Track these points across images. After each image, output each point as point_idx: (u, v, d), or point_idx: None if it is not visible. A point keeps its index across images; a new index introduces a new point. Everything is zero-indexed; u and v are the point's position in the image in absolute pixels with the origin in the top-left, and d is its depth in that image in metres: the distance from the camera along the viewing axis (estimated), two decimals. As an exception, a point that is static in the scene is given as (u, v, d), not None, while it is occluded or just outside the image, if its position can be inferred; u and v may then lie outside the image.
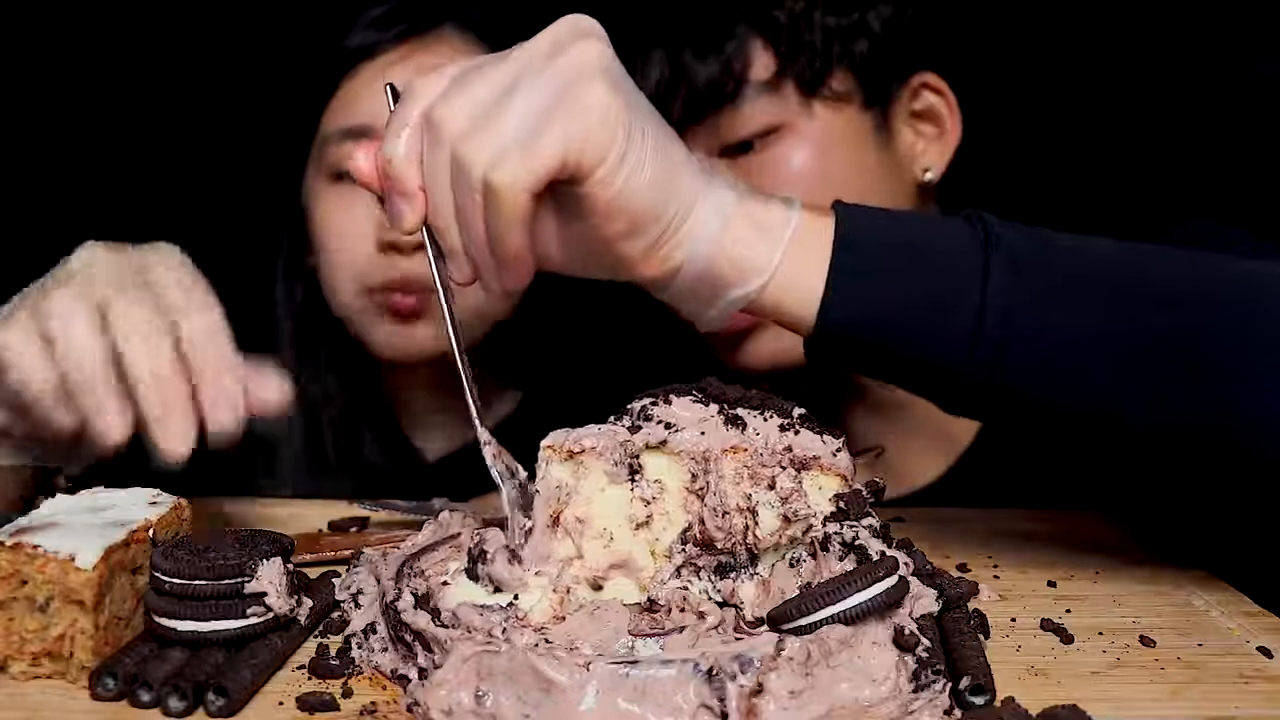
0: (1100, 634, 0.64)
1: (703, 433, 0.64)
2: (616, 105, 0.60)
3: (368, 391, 1.18)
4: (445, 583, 0.63)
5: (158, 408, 0.64)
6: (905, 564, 0.62)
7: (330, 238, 1.09)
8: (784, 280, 0.66)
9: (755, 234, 0.66)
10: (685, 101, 0.96)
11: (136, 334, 0.64)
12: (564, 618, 0.60)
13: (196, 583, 0.58)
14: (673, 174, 0.63)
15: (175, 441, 0.64)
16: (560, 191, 0.62)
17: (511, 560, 0.63)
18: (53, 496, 0.65)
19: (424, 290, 1.05)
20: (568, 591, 0.62)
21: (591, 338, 1.20)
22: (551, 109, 0.60)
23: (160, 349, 0.65)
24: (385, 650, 0.59)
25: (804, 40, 0.96)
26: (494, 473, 0.66)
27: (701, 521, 0.63)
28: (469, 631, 0.57)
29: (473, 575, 0.64)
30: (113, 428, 0.64)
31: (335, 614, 0.65)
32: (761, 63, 0.96)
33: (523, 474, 0.67)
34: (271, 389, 0.68)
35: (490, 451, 0.66)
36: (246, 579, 0.59)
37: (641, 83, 0.77)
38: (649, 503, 0.64)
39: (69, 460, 0.75)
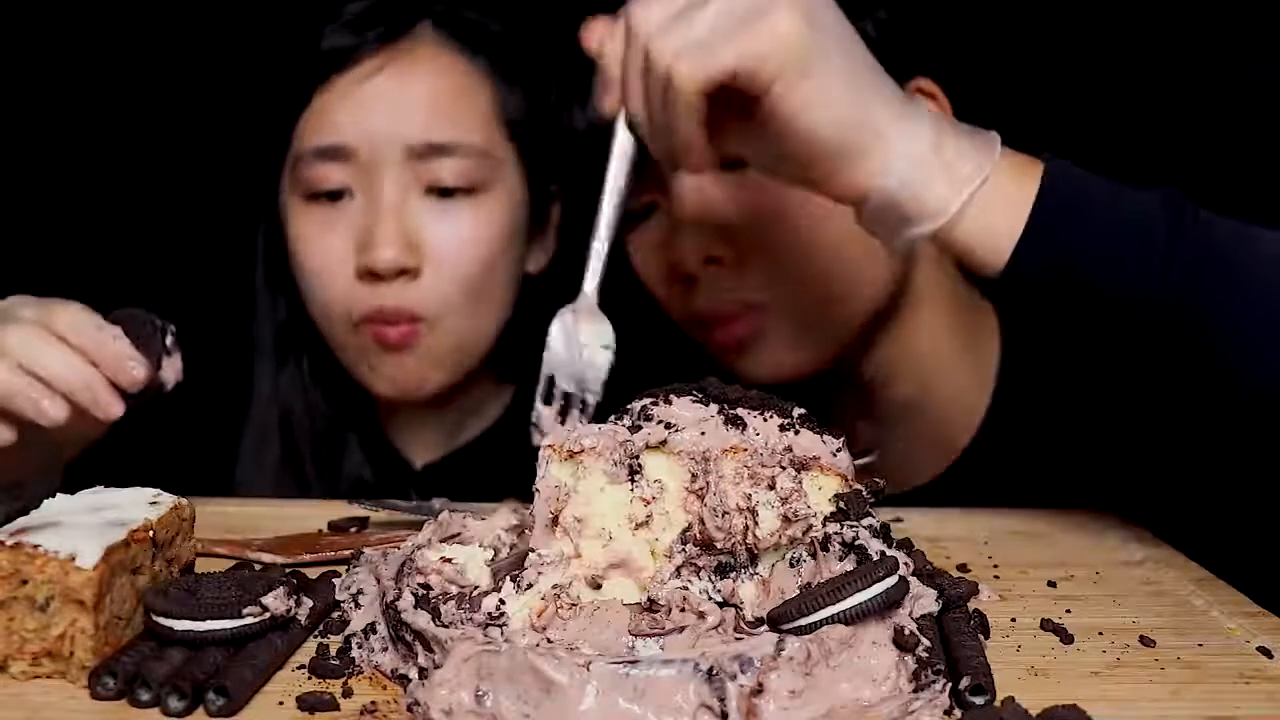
0: (1100, 634, 0.64)
1: (703, 433, 0.64)
2: (802, 34, 0.67)
3: (354, 401, 1.15)
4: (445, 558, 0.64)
5: (82, 387, 0.77)
6: (905, 564, 0.62)
7: (307, 260, 1.06)
8: (972, 224, 0.70)
9: (942, 177, 0.70)
10: None
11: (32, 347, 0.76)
12: (545, 627, 0.60)
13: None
14: (863, 108, 0.69)
15: (111, 400, 0.78)
16: (747, 100, 0.69)
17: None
18: None
19: (408, 320, 1.03)
20: (556, 598, 0.62)
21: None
22: (738, 23, 0.67)
23: (57, 349, 0.76)
24: (385, 650, 0.59)
25: None
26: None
27: (701, 521, 0.63)
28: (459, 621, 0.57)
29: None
30: (54, 407, 0.76)
31: (335, 614, 0.65)
32: None
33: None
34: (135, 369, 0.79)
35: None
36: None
37: None
38: (649, 502, 0.64)
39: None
